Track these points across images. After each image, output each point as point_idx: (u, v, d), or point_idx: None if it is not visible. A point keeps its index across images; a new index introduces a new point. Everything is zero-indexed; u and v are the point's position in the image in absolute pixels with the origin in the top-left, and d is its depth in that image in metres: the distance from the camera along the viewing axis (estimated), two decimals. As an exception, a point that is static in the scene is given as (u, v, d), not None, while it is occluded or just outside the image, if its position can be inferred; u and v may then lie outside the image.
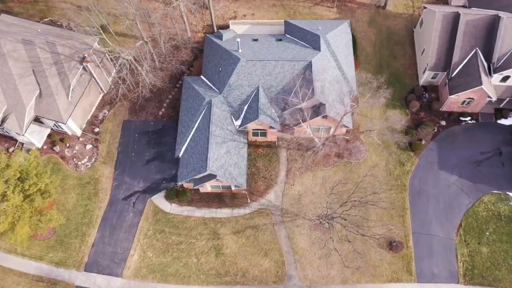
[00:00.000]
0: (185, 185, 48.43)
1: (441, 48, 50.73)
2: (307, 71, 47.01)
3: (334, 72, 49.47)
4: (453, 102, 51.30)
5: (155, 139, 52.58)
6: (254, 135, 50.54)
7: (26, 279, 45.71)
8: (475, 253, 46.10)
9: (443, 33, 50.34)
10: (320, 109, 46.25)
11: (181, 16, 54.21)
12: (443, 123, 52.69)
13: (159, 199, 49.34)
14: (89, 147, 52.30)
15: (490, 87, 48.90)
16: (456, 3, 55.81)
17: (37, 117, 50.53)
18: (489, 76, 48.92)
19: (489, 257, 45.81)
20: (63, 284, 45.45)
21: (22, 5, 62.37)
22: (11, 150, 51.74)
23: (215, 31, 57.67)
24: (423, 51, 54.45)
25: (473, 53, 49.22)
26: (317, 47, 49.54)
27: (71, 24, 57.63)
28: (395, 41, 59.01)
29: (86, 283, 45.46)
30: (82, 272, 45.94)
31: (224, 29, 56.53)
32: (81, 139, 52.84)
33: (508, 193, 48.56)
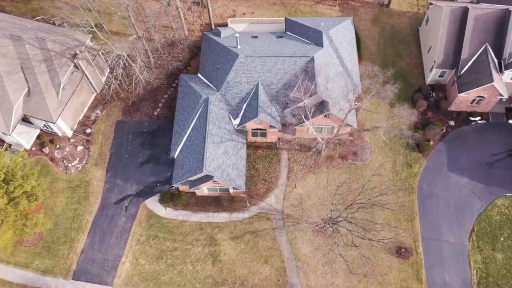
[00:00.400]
0: (180, 187, 45.85)
1: (449, 44, 48.67)
2: (309, 67, 44.72)
3: (337, 69, 47.23)
4: (462, 101, 48.98)
5: (150, 140, 50.20)
6: (253, 135, 48.09)
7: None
8: (489, 260, 43.40)
9: (451, 28, 48.32)
10: (323, 107, 43.90)
11: (178, 11, 52.08)
12: (452, 123, 50.36)
13: (153, 203, 46.83)
14: (80, 148, 49.82)
15: (501, 84, 46.70)
16: None
17: (26, 118, 48.29)
18: (500, 73, 46.77)
19: (505, 264, 43.08)
20: (49, 293, 42.72)
21: (14, 4, 60.64)
22: (-2, 151, 49.32)
23: (213, 29, 55.65)
24: (429, 49, 52.29)
25: (482, 49, 47.17)
26: (319, 43, 47.36)
27: (64, 23, 55.69)
28: (400, 39, 57.05)
29: (73, 293, 42.80)
30: (69, 280, 43.22)
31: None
32: (72, 140, 50.41)
33: (522, 196, 46.06)
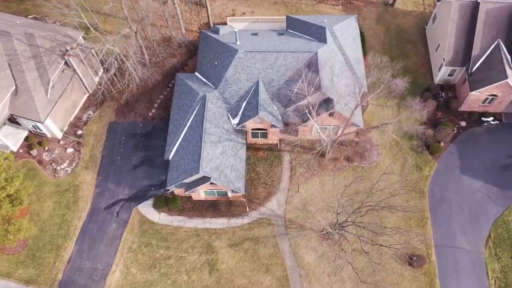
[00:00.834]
0: (175, 191, 42.95)
1: (458, 40, 46.38)
2: (312, 63, 42.26)
3: (342, 66, 44.80)
4: (474, 100, 46.41)
5: (144, 142, 47.50)
6: (253, 136, 45.39)
7: (-10, 299, 39.80)
8: (508, 269, 40.25)
9: (461, 24, 46.08)
10: (327, 105, 41.30)
11: (174, 7, 49.88)
12: (463, 124, 47.69)
13: (146, 208, 43.88)
14: (70, 150, 47.06)
15: (515, 82, 44.15)
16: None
17: (13, 118, 45.72)
18: (513, 70, 44.31)
19: (525, 273, 39.93)
20: (32, 305, 39.47)
21: (6, 4, 58.59)
22: (-18, 153, 46.62)
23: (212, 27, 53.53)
24: (437, 47, 49.96)
25: (495, 44, 44.84)
26: (322, 39, 44.98)
27: (57, 22, 53.56)
28: (406, 39, 54.81)
29: (58, 304, 39.55)
30: (55, 291, 40.04)
31: (221, 28, 52.30)
32: (61, 142, 47.67)
33: (541, 200, 43.09)
